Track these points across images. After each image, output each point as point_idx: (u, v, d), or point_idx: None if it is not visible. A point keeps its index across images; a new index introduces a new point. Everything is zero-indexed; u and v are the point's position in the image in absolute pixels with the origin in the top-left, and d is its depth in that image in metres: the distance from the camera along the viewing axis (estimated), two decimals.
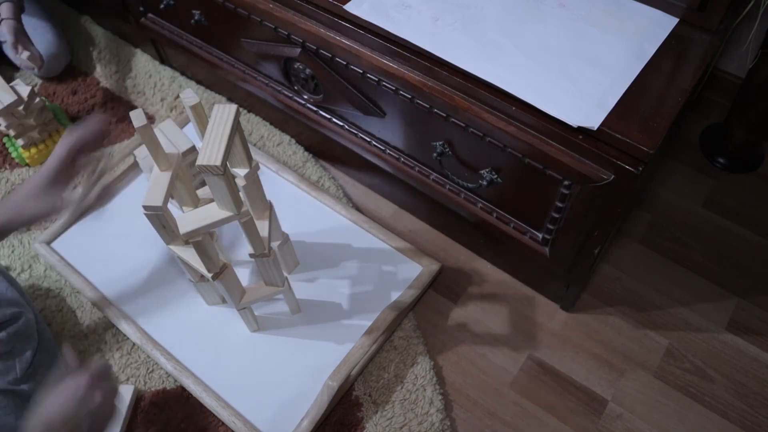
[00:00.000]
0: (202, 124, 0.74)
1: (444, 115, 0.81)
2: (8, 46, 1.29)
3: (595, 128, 0.68)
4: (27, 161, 1.18)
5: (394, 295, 0.99)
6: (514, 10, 0.80)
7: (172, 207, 0.87)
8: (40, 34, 1.29)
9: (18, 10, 1.23)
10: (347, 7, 0.82)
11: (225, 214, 0.74)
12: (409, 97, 0.83)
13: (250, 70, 1.09)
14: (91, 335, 0.98)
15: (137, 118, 0.74)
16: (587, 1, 0.81)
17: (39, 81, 1.34)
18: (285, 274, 0.94)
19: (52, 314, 1.00)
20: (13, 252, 1.08)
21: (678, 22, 0.78)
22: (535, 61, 0.74)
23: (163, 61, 1.37)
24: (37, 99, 1.15)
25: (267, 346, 0.96)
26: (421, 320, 1.01)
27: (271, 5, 0.91)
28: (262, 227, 0.82)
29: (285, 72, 1.01)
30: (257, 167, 0.78)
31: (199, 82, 1.32)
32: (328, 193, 1.12)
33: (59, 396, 0.66)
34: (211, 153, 0.65)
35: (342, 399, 0.92)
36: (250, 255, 0.81)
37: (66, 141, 0.73)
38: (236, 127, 0.69)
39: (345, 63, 0.87)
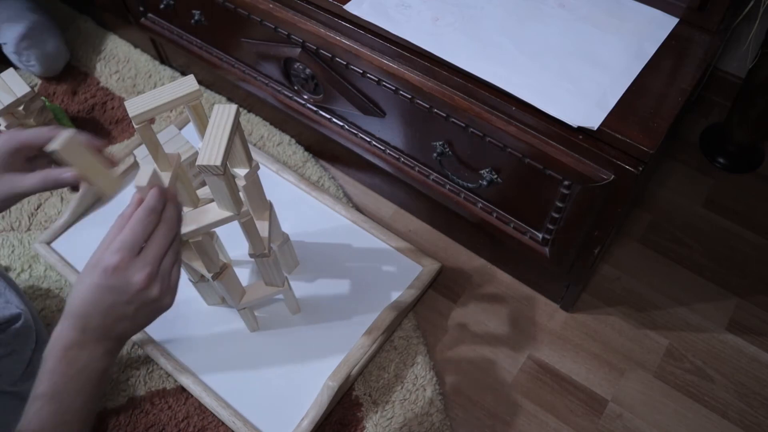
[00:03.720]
0: (202, 124, 0.74)
1: (444, 115, 0.81)
2: (9, 47, 1.29)
3: (595, 128, 0.68)
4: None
5: (394, 295, 0.99)
6: (514, 10, 0.81)
7: None
8: (39, 32, 1.29)
9: None
10: (347, 7, 0.82)
11: (225, 214, 0.74)
12: (409, 97, 0.83)
13: (250, 70, 1.09)
14: None
15: None
16: (587, 1, 0.81)
17: (39, 81, 1.34)
18: (285, 274, 0.94)
19: (52, 314, 1.00)
20: (13, 252, 1.08)
21: (678, 22, 0.78)
22: (535, 61, 0.74)
23: (163, 61, 1.37)
24: (38, 99, 1.15)
25: (267, 346, 0.96)
26: (421, 320, 1.01)
27: (271, 5, 0.91)
28: (262, 227, 0.82)
29: (285, 72, 1.01)
30: (257, 167, 0.78)
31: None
32: (328, 193, 1.12)
33: (86, 282, 0.54)
34: (211, 153, 0.65)
35: (342, 399, 0.92)
36: (250, 255, 0.82)
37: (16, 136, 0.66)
38: (236, 127, 0.69)
39: (345, 63, 0.87)
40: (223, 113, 0.68)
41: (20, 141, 0.65)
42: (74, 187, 0.70)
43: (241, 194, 0.76)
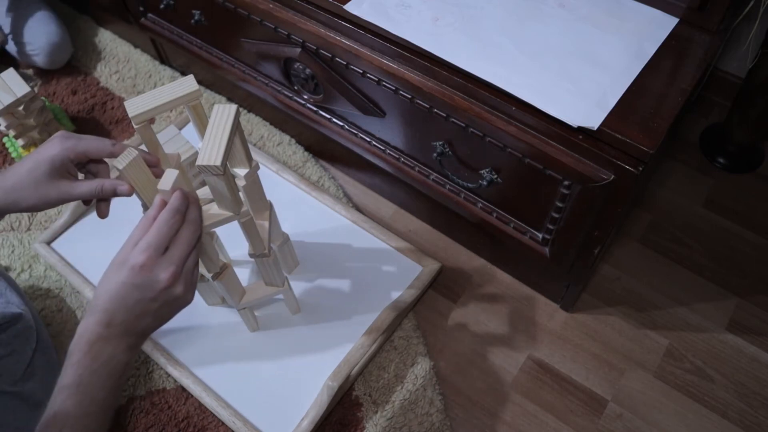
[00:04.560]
0: (202, 124, 0.74)
1: (444, 115, 0.81)
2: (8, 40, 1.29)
3: (595, 128, 0.68)
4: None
5: (394, 295, 0.99)
6: (514, 10, 0.81)
7: None
8: (43, 24, 1.29)
9: None
10: (347, 7, 0.82)
11: (225, 214, 0.74)
12: (409, 97, 0.83)
13: (250, 70, 1.09)
14: None
15: None
16: (587, 1, 0.81)
17: (39, 81, 1.34)
18: (285, 274, 0.94)
19: (52, 314, 1.00)
20: (13, 252, 1.08)
21: (678, 22, 0.78)
22: (535, 61, 0.74)
23: (163, 61, 1.37)
24: (38, 99, 1.15)
25: (267, 346, 0.96)
26: (421, 320, 1.01)
27: (271, 5, 0.91)
28: (262, 227, 0.82)
29: (285, 72, 1.01)
30: (257, 167, 0.78)
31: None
32: (328, 193, 1.12)
33: (114, 279, 0.56)
34: (211, 153, 0.65)
35: (342, 399, 0.92)
36: (250, 255, 0.82)
37: (79, 142, 0.67)
38: (236, 127, 0.69)
39: (345, 63, 0.87)
40: (223, 113, 0.68)
41: (79, 151, 0.66)
42: (87, 201, 0.71)
43: (241, 194, 0.76)
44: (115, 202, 1.09)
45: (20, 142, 1.16)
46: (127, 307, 0.56)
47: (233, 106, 0.69)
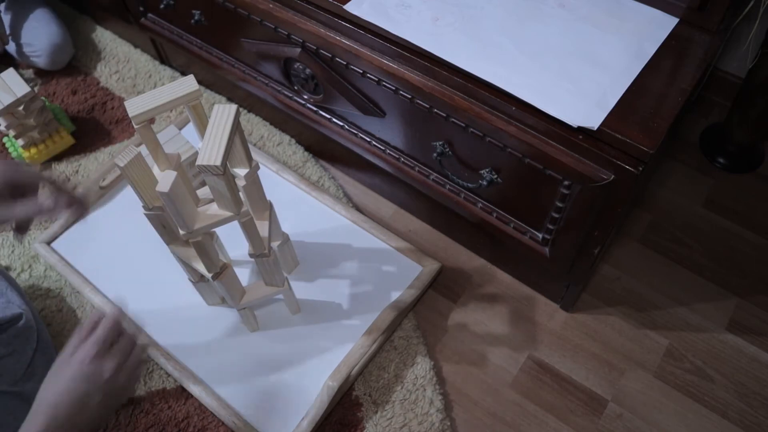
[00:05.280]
0: (202, 124, 0.74)
1: (444, 115, 0.81)
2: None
3: (595, 128, 0.68)
4: (27, 161, 1.18)
5: (394, 295, 0.99)
6: (514, 10, 0.81)
7: None
8: (44, 24, 1.29)
9: None
10: (347, 7, 0.82)
11: (225, 214, 0.74)
12: (409, 97, 0.83)
13: (250, 70, 1.09)
14: None
15: None
16: (587, 1, 0.81)
17: (39, 81, 1.34)
18: (285, 274, 0.94)
19: (52, 314, 1.00)
20: (13, 252, 1.08)
21: (678, 22, 0.78)
22: (535, 61, 0.74)
23: (163, 61, 1.37)
24: (38, 99, 1.15)
25: (267, 346, 0.96)
26: (421, 320, 1.01)
27: (271, 5, 0.91)
28: (262, 227, 0.82)
29: (285, 72, 1.01)
30: (257, 167, 0.78)
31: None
32: (328, 193, 1.12)
33: (60, 376, 0.61)
34: (211, 153, 0.65)
35: (342, 399, 0.92)
36: (250, 255, 0.82)
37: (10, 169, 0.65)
38: (236, 127, 0.69)
39: (345, 63, 0.87)
40: (223, 113, 0.68)
41: (16, 180, 0.65)
42: (20, 229, 0.67)
43: (241, 194, 0.76)
44: (116, 202, 1.09)
45: (20, 142, 1.16)
46: (72, 400, 0.60)
47: (233, 106, 0.69)
